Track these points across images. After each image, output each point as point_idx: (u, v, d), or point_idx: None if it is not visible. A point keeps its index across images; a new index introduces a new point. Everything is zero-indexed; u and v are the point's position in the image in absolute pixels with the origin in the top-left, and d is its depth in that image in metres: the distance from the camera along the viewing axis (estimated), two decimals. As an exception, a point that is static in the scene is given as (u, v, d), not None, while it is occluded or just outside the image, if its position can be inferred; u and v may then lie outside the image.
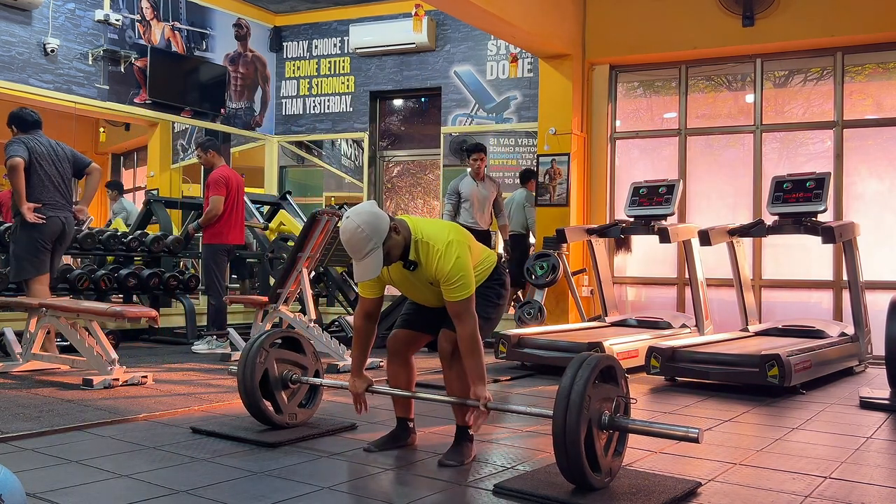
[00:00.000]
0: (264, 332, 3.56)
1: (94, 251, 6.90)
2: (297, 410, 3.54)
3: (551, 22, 7.34)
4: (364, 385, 3.19)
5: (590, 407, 2.52)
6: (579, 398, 2.48)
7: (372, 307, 3.12)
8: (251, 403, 3.40)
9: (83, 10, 7.92)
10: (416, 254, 2.90)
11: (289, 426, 3.48)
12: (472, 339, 2.86)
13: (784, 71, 7.55)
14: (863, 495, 2.69)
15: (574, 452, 2.46)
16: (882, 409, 4.37)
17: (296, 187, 9.92)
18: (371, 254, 2.78)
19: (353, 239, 2.77)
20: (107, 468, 2.87)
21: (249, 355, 3.39)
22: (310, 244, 5.83)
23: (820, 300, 7.22)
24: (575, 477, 2.53)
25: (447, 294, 2.88)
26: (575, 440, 2.46)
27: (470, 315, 2.87)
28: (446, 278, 2.85)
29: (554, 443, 2.50)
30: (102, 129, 10.19)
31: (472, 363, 2.88)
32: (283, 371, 3.49)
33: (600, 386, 2.61)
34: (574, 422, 2.45)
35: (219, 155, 6.67)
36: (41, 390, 4.47)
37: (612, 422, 2.62)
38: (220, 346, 6.40)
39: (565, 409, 2.48)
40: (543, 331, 6.18)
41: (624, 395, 2.71)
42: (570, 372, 2.56)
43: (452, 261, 2.85)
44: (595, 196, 7.97)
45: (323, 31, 9.79)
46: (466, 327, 2.86)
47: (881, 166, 7.11)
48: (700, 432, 2.54)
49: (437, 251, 2.87)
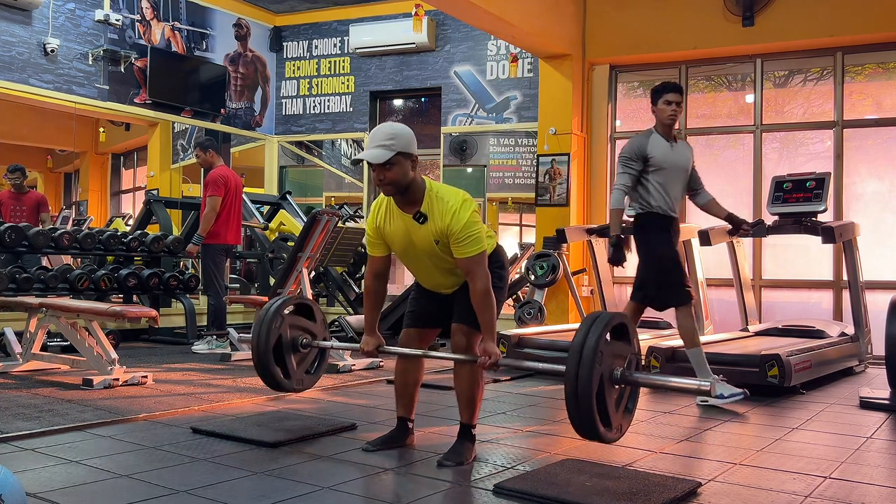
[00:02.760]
0: (279, 297, 3.56)
1: (94, 251, 6.90)
2: (304, 377, 3.59)
3: (551, 22, 7.35)
4: (375, 343, 3.22)
5: (602, 362, 2.53)
6: (592, 353, 2.49)
7: (380, 266, 3.15)
8: (263, 368, 3.43)
9: (83, 10, 7.91)
10: (428, 207, 2.91)
11: (296, 391, 3.53)
12: (484, 294, 2.88)
13: (784, 71, 7.55)
14: (863, 495, 2.69)
15: (586, 406, 2.47)
16: (882, 409, 4.37)
17: (296, 187, 9.92)
18: (384, 147, 2.83)
19: (382, 129, 2.88)
20: (107, 468, 2.87)
21: (265, 320, 3.41)
22: (310, 244, 5.84)
23: (820, 300, 7.22)
24: (586, 431, 2.53)
25: (460, 250, 2.88)
26: (587, 394, 2.46)
27: (483, 270, 2.89)
28: (460, 232, 2.86)
29: (566, 397, 2.51)
30: (102, 129, 10.19)
31: (484, 317, 2.90)
32: (294, 336, 3.51)
33: (613, 343, 2.62)
34: (586, 376, 2.47)
35: (218, 155, 6.67)
36: (41, 390, 4.47)
37: (624, 377, 2.63)
38: (220, 346, 6.40)
39: (577, 364, 2.49)
40: (543, 331, 6.18)
41: (636, 353, 2.73)
42: (583, 328, 2.57)
43: (467, 216, 2.87)
44: (595, 196, 7.97)
45: (323, 31, 9.79)
46: (479, 282, 2.88)
47: (881, 166, 7.11)
48: (713, 383, 2.56)
49: (452, 206, 2.88)
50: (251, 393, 4.51)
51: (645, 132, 4.53)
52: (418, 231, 2.95)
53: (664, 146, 4.47)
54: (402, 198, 2.94)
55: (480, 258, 2.89)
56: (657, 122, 4.51)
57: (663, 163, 4.44)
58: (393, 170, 2.84)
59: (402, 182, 2.88)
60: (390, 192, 2.92)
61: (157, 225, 7.88)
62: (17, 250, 6.34)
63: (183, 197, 9.14)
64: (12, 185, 7.86)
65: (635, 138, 4.54)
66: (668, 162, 4.47)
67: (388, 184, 2.88)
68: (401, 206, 2.96)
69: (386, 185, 2.89)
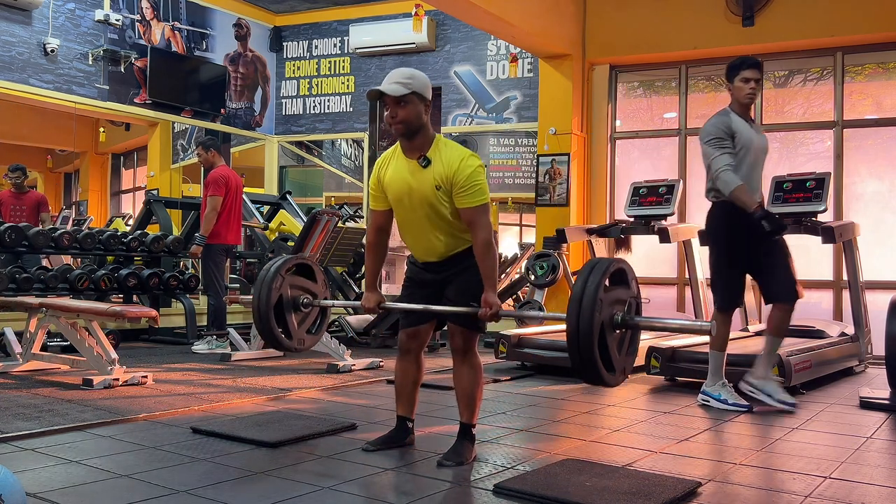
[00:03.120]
0: (281, 257, 3.60)
1: (94, 251, 6.90)
2: (304, 336, 3.60)
3: (551, 22, 7.35)
4: (376, 300, 3.22)
5: (602, 309, 2.55)
6: (591, 300, 2.51)
7: (383, 220, 3.17)
8: (264, 328, 3.44)
9: (83, 10, 7.91)
10: (434, 153, 2.94)
11: (297, 350, 3.57)
12: (486, 245, 2.90)
13: (784, 71, 7.55)
14: (863, 495, 2.69)
15: (588, 353, 2.49)
16: (882, 409, 4.37)
17: (296, 187, 9.92)
18: (401, 85, 2.89)
19: (400, 70, 2.96)
20: (107, 468, 2.87)
21: (266, 279, 3.43)
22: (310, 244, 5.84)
23: (820, 300, 7.22)
24: (590, 377, 2.55)
25: (464, 199, 2.89)
26: (588, 341, 2.48)
27: (485, 221, 2.91)
28: (466, 180, 2.88)
29: (568, 344, 2.52)
30: (102, 129, 10.19)
31: (486, 266, 2.92)
32: (295, 296, 3.54)
33: (612, 289, 2.64)
34: (587, 323, 2.48)
35: (219, 155, 6.68)
36: (41, 390, 4.47)
37: (625, 321, 2.65)
38: (220, 346, 6.40)
39: (578, 312, 2.50)
40: (543, 331, 6.18)
41: (636, 297, 2.75)
42: (581, 276, 2.59)
43: (474, 167, 2.90)
44: (595, 196, 7.97)
45: (323, 31, 9.79)
46: (481, 233, 2.91)
47: (881, 166, 7.11)
48: (713, 324, 2.57)
49: (460, 155, 2.92)
50: (251, 393, 4.51)
51: (720, 112, 4.22)
52: (419, 175, 2.95)
53: (746, 126, 4.15)
54: (410, 142, 2.97)
55: (484, 209, 2.92)
56: (733, 100, 4.22)
57: (749, 143, 4.14)
58: (406, 108, 2.90)
59: (413, 123, 2.92)
60: (401, 130, 2.94)
61: (157, 225, 7.88)
62: (17, 250, 6.34)
63: (183, 197, 9.14)
64: (13, 185, 7.86)
65: (713, 118, 4.22)
66: (752, 143, 4.15)
67: (399, 122, 2.92)
68: (406, 152, 2.99)
69: (398, 124, 2.93)
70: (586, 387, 5.10)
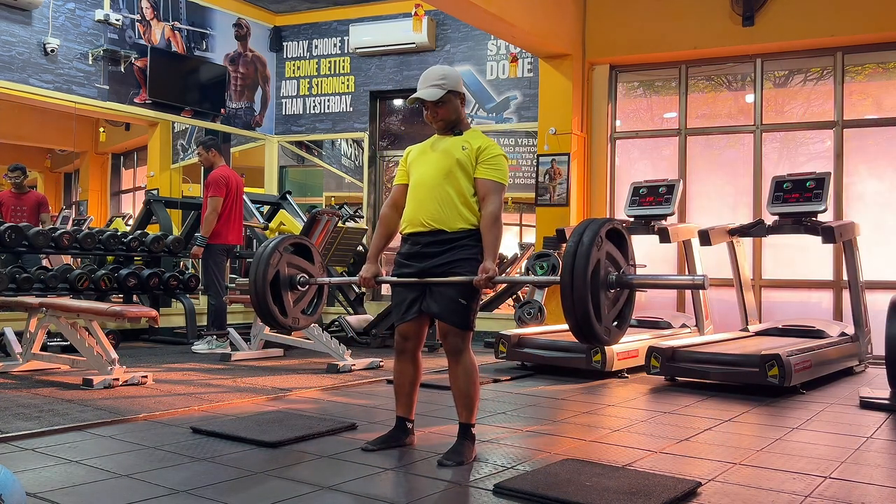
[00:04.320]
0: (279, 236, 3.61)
1: (94, 251, 6.90)
2: (300, 316, 3.65)
3: (551, 22, 7.34)
4: (373, 272, 3.28)
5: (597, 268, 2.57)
6: (584, 259, 2.52)
7: (400, 195, 3.29)
8: (260, 304, 3.48)
9: (83, 10, 7.91)
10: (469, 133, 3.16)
11: (292, 329, 3.63)
12: (494, 217, 3.03)
13: (784, 71, 7.55)
14: (863, 495, 2.69)
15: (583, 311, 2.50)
16: (882, 409, 4.37)
17: (296, 187, 9.92)
18: (436, 86, 3.08)
19: (435, 70, 3.15)
20: (107, 468, 2.87)
21: (264, 255, 3.47)
22: (310, 244, 5.83)
23: (820, 300, 7.22)
24: (584, 334, 2.56)
25: (484, 171, 3.06)
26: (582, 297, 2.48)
27: (498, 198, 3.06)
28: (491, 157, 3.07)
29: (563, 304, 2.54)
30: (102, 129, 10.19)
31: (489, 236, 3.03)
32: (292, 274, 3.56)
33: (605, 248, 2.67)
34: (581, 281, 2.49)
35: (220, 155, 6.68)
36: (41, 390, 4.47)
37: (620, 280, 2.66)
38: (220, 346, 6.40)
39: (571, 269, 2.51)
40: (543, 331, 6.18)
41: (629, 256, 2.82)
42: (576, 233, 2.62)
43: (502, 153, 3.12)
44: (595, 196, 7.97)
45: (323, 31, 9.79)
46: (491, 206, 3.04)
47: (881, 166, 7.11)
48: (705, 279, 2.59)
49: (491, 141, 3.15)
50: (251, 393, 4.51)
51: None
52: (447, 142, 3.14)
53: None
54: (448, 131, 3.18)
55: (499, 187, 3.07)
56: None
57: None
58: (445, 107, 3.12)
59: (452, 118, 3.15)
60: (442, 127, 3.16)
61: (157, 225, 7.88)
62: (17, 250, 6.34)
63: (183, 197, 9.14)
64: (12, 185, 7.86)
65: None
66: None
67: (440, 120, 3.15)
68: (442, 133, 3.20)
69: (439, 122, 3.15)
70: (586, 387, 5.10)
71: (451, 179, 3.07)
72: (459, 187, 3.06)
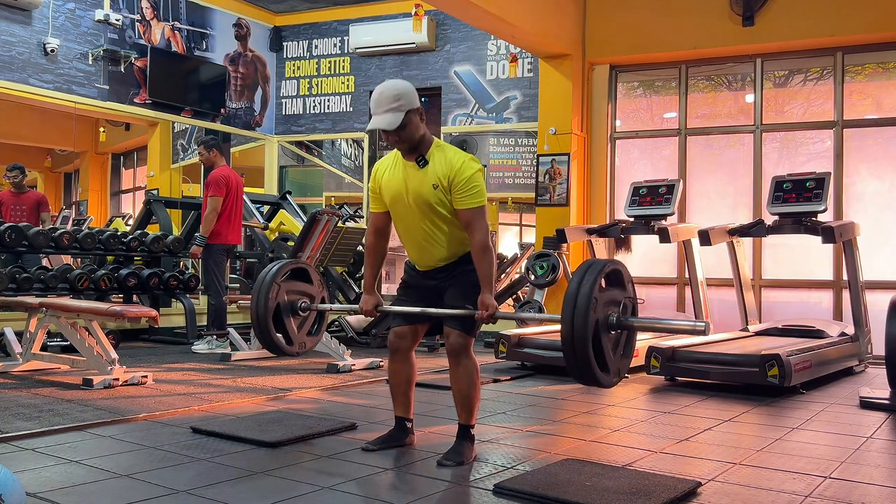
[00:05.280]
0: (275, 263, 3.58)
1: (94, 251, 6.90)
2: (305, 339, 3.64)
3: (551, 22, 7.34)
4: (373, 302, 3.23)
5: (597, 309, 2.53)
6: (586, 300, 2.50)
7: (381, 222, 3.19)
8: (265, 338, 3.47)
9: (83, 10, 7.91)
10: (432, 155, 2.98)
11: (299, 355, 3.61)
12: (483, 246, 2.93)
13: (784, 71, 7.55)
14: (863, 495, 2.69)
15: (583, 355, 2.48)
16: (882, 409, 4.37)
17: (296, 187, 9.92)
18: (393, 111, 2.88)
19: (385, 92, 2.91)
20: (107, 468, 2.87)
21: (262, 289, 3.44)
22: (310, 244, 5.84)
23: (820, 300, 7.22)
24: (584, 378, 2.54)
25: (462, 201, 2.93)
26: (583, 342, 2.46)
27: (483, 223, 2.94)
28: (465, 182, 2.91)
29: (563, 348, 2.51)
30: (102, 129, 10.19)
31: (482, 267, 2.94)
32: (293, 301, 3.54)
33: (607, 290, 2.64)
34: (581, 323, 2.47)
35: (220, 154, 6.67)
36: (41, 390, 4.47)
37: (620, 321, 2.64)
38: (220, 346, 6.40)
39: (572, 312, 2.49)
40: (543, 331, 6.18)
41: (631, 297, 2.74)
42: (576, 276, 2.58)
43: (475, 170, 2.93)
44: (595, 196, 7.97)
45: (323, 31, 9.79)
46: (478, 234, 2.93)
47: (881, 166, 7.11)
48: (707, 325, 2.56)
49: (460, 157, 2.96)
50: (251, 393, 4.51)
51: None
52: (418, 175, 2.99)
53: None
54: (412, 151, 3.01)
55: (481, 211, 2.94)
56: None
57: None
58: (407, 129, 2.93)
59: (415, 137, 2.96)
60: (406, 149, 2.99)
61: (157, 225, 7.87)
62: (17, 250, 6.34)
63: (183, 197, 9.14)
64: (12, 185, 7.86)
65: None
66: None
67: (403, 143, 2.97)
68: (405, 155, 3.03)
69: (402, 145, 2.98)
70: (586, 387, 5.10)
71: (436, 221, 3.00)
72: (447, 220, 3.00)
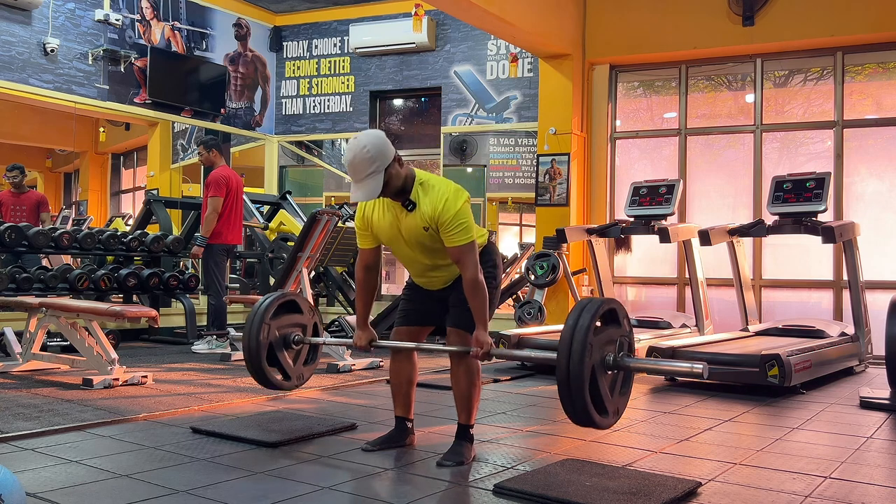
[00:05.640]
0: (262, 302, 3.52)
1: (94, 251, 6.90)
2: (303, 370, 3.63)
3: (551, 22, 7.34)
4: (368, 338, 3.20)
5: (592, 353, 2.52)
6: (581, 346, 2.48)
7: (370, 258, 3.15)
8: (261, 379, 3.47)
9: (83, 10, 7.91)
10: (417, 195, 2.91)
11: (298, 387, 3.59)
12: (474, 283, 2.88)
13: (784, 71, 7.55)
14: (863, 495, 2.69)
15: (579, 398, 2.47)
16: (882, 409, 4.37)
17: (296, 187, 9.92)
18: (372, 176, 2.79)
19: (357, 158, 2.78)
20: (107, 468, 2.87)
21: (252, 332, 3.41)
22: (310, 244, 5.83)
23: (820, 300, 7.22)
24: (581, 420, 2.53)
25: (450, 239, 2.88)
26: (579, 385, 2.45)
27: (473, 259, 2.89)
28: (450, 220, 2.85)
29: (559, 390, 2.50)
30: (102, 129, 10.19)
31: (475, 305, 2.90)
32: (285, 335, 3.52)
33: (603, 329, 2.62)
34: (577, 366, 2.45)
35: (220, 155, 6.67)
36: (41, 390, 4.47)
37: (616, 362, 2.63)
38: (220, 346, 6.40)
39: (568, 355, 2.47)
40: (543, 331, 6.18)
41: (627, 335, 2.72)
42: (571, 317, 2.57)
43: (458, 205, 2.87)
44: (595, 196, 7.97)
45: (323, 31, 9.79)
46: (468, 271, 2.88)
47: (881, 166, 7.11)
48: (704, 367, 2.54)
49: (444, 194, 2.88)
50: (251, 393, 4.51)
51: None
52: (407, 219, 2.95)
53: None
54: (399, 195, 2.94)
55: (470, 247, 2.88)
56: None
57: None
58: (389, 184, 2.85)
59: (398, 186, 2.89)
60: (392, 197, 2.92)
61: (157, 225, 7.87)
62: (17, 250, 6.33)
63: (183, 197, 9.13)
64: (12, 185, 7.86)
65: None
66: None
67: (389, 194, 2.90)
68: (393, 199, 2.96)
69: (388, 195, 2.91)
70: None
71: (436, 256, 2.99)
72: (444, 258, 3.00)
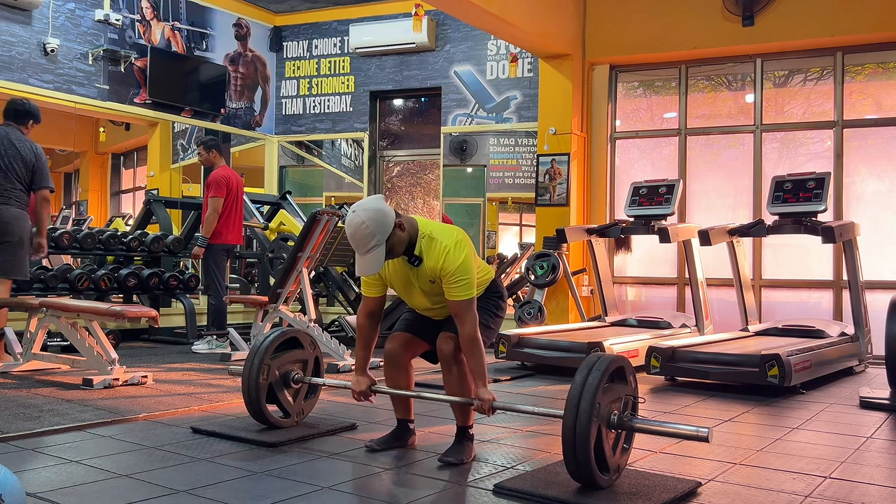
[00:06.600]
0: (262, 340, 3.49)
1: (94, 251, 6.90)
2: (303, 405, 3.60)
3: (551, 22, 7.35)
4: (367, 384, 3.18)
5: (600, 412, 2.53)
6: (589, 406, 2.49)
7: (374, 306, 3.15)
8: (263, 421, 3.45)
9: (83, 10, 7.91)
10: (421, 250, 2.92)
11: (298, 423, 3.54)
12: (472, 340, 2.88)
13: (784, 71, 7.55)
14: (863, 495, 2.69)
15: (584, 458, 2.48)
16: (882, 409, 4.37)
17: (296, 187, 9.92)
18: (374, 250, 2.80)
19: (357, 234, 2.79)
20: (107, 468, 2.87)
21: (252, 375, 3.38)
22: (310, 244, 5.83)
23: (820, 300, 7.22)
24: (584, 479, 2.55)
25: (450, 293, 2.89)
26: (584, 446, 2.47)
27: (471, 315, 2.89)
28: (452, 275, 2.87)
29: (563, 447, 2.51)
30: (102, 129, 10.18)
31: (473, 363, 2.91)
32: (285, 373, 3.50)
33: (610, 387, 2.62)
34: (584, 429, 2.47)
35: (220, 155, 6.67)
36: (41, 390, 4.47)
37: (622, 422, 2.64)
38: (220, 346, 6.40)
39: (575, 417, 2.49)
40: (543, 331, 6.18)
41: (632, 393, 2.73)
42: (580, 376, 2.57)
43: (461, 259, 2.88)
44: (595, 196, 7.97)
45: (323, 31, 9.79)
46: (467, 327, 2.88)
47: (881, 166, 7.11)
48: (709, 431, 2.55)
49: (445, 247, 2.89)
50: (251, 393, 4.50)
51: None
52: (415, 272, 2.98)
53: None
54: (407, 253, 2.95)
55: (469, 303, 2.89)
56: None
57: None
58: (394, 250, 2.87)
59: (402, 249, 2.91)
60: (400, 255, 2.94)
61: (157, 225, 7.87)
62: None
63: (183, 197, 9.13)
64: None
65: None
66: None
67: (397, 256, 2.92)
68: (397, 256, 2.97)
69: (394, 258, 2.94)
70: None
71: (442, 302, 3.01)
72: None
